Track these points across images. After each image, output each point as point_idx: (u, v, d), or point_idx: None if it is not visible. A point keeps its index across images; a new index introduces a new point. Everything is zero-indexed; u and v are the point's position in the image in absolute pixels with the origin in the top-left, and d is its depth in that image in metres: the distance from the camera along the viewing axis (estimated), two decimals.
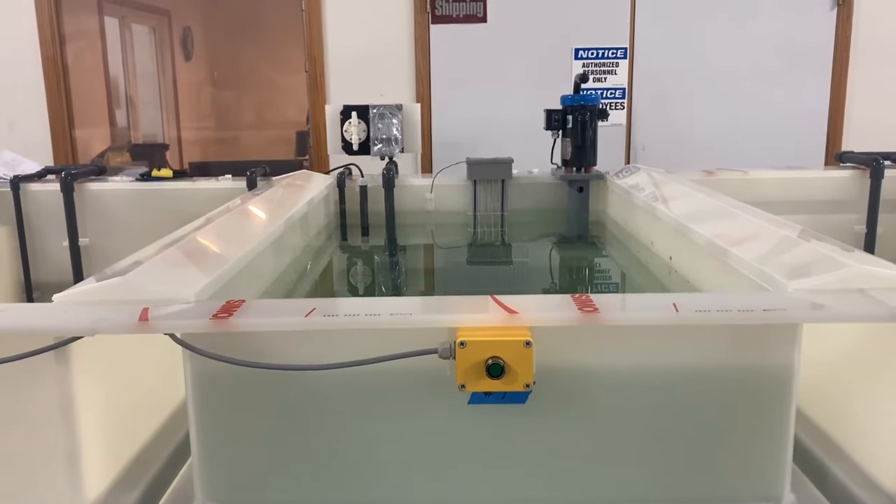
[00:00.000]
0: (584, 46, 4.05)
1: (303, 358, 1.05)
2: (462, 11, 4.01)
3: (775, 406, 1.08)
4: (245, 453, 1.11)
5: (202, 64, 7.08)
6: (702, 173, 2.69)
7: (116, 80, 5.89)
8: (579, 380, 1.07)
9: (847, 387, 1.29)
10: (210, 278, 1.25)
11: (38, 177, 2.79)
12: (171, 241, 1.46)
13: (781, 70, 4.07)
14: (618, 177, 2.62)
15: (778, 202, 2.46)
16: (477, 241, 2.74)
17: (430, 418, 1.08)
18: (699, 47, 4.07)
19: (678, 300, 1.06)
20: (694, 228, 1.70)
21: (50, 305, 1.09)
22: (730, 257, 1.44)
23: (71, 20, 4.39)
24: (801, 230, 1.48)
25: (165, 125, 6.65)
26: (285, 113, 6.90)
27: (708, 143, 4.10)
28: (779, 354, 1.07)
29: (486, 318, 1.02)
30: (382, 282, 2.26)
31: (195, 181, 2.76)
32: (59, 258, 2.72)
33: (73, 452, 1.08)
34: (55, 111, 4.15)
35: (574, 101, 2.75)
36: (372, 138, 2.78)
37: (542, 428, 1.08)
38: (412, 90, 4.09)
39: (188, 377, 1.08)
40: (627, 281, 2.17)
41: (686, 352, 1.07)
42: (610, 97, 4.10)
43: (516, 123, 3.93)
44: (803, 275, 1.18)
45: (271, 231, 1.80)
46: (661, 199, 2.09)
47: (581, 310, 1.02)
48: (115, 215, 2.73)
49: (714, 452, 1.10)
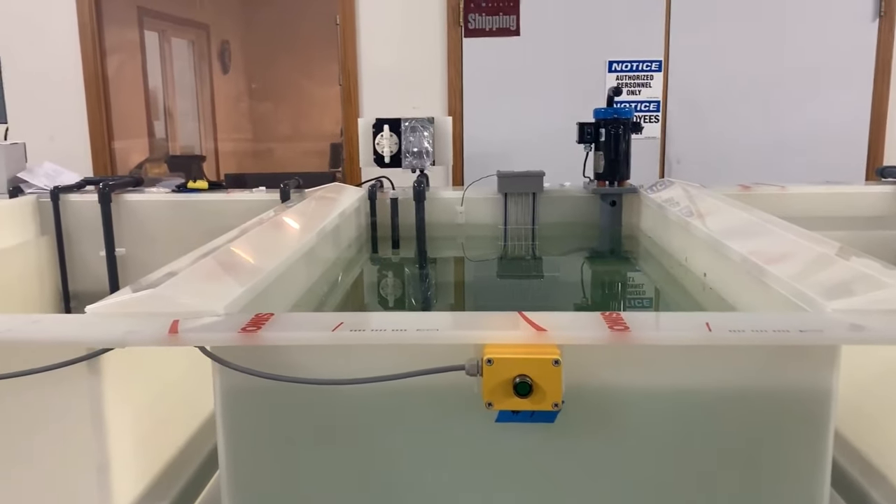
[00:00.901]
0: (617, 59, 4.02)
1: (331, 372, 1.04)
2: (495, 25, 4.02)
3: (813, 430, 1.05)
4: (273, 467, 1.11)
5: (239, 77, 7.20)
6: (738, 188, 2.65)
7: (155, 92, 6.01)
8: (610, 400, 1.05)
9: (888, 409, 1.26)
10: (241, 290, 1.26)
11: (78, 187, 2.85)
12: (204, 252, 1.47)
13: (820, 82, 4.00)
14: (651, 191, 2.59)
15: (816, 218, 2.41)
16: (507, 254, 2.72)
17: (457, 436, 1.07)
18: (735, 59, 4.02)
19: (711, 319, 1.03)
20: (729, 245, 1.67)
21: (82, 317, 1.10)
22: (766, 275, 1.41)
23: (112, 34, 4.49)
24: (840, 247, 1.44)
25: (202, 137, 6.76)
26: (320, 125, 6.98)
27: (744, 158, 4.03)
28: (816, 377, 1.04)
29: (515, 335, 1.00)
30: (412, 295, 2.26)
31: (230, 193, 2.79)
32: (95, 268, 2.77)
33: (103, 463, 1.09)
34: (95, 123, 4.24)
35: (607, 114, 2.73)
36: (403, 151, 2.79)
37: (571, 448, 1.06)
38: (444, 103, 4.10)
39: (217, 390, 1.09)
40: (660, 297, 2.13)
41: (719, 373, 1.05)
42: (644, 110, 4.07)
43: (548, 136, 3.92)
44: (842, 294, 1.15)
45: (303, 243, 1.81)
46: (695, 213, 2.06)
47: (612, 328, 1.00)
48: (151, 226, 2.78)
49: (748, 477, 1.07)
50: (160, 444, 1.26)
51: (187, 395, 1.33)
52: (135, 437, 1.15)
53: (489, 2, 4.00)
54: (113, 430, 1.09)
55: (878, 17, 3.92)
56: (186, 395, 1.33)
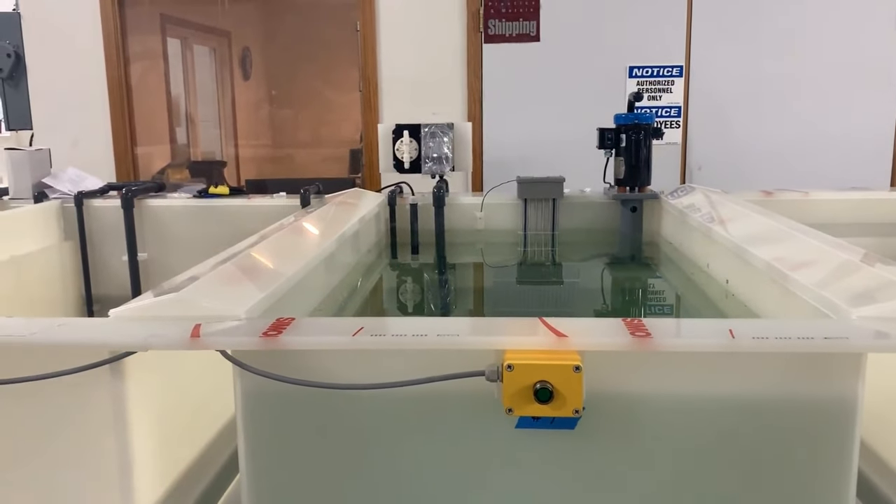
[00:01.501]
0: (638, 65, 4.01)
1: (351, 377, 1.05)
2: (515, 31, 4.02)
3: (838, 439, 1.03)
4: (293, 471, 1.11)
5: (260, 83, 7.25)
6: (760, 194, 2.62)
7: (177, 98, 6.07)
8: (631, 407, 1.04)
9: None
10: (262, 295, 1.27)
11: (101, 193, 2.89)
12: (225, 257, 1.48)
13: (843, 88, 3.96)
14: (672, 196, 2.58)
15: (841, 224, 2.37)
16: (527, 260, 2.71)
17: (477, 441, 1.07)
18: (757, 65, 3.98)
19: (734, 326, 1.02)
20: (752, 251, 1.65)
21: (106, 320, 1.11)
22: (789, 282, 1.39)
23: (135, 41, 4.55)
24: (864, 254, 1.42)
25: (223, 143, 6.82)
26: (340, 131, 7.01)
27: (767, 163, 3.99)
28: (841, 385, 1.02)
29: (535, 340, 1.00)
30: (431, 300, 2.26)
31: (251, 198, 2.81)
32: (118, 272, 2.80)
33: (125, 464, 1.10)
34: (118, 129, 4.29)
35: (628, 119, 2.72)
36: (423, 157, 2.79)
37: (591, 455, 1.06)
38: (464, 109, 4.10)
39: (238, 393, 1.09)
40: (682, 304, 2.12)
41: (742, 381, 1.03)
42: (665, 115, 4.04)
43: (568, 142, 3.90)
44: (868, 301, 1.13)
45: (323, 248, 1.82)
46: (717, 219, 2.04)
47: (633, 335, 1.00)
48: (173, 231, 2.80)
49: (772, 486, 1.05)
50: (181, 446, 1.26)
51: (208, 399, 1.34)
52: (156, 439, 1.16)
53: (509, 8, 4.00)
54: (135, 432, 1.10)
55: None
56: (207, 398, 1.34)
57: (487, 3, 4.01)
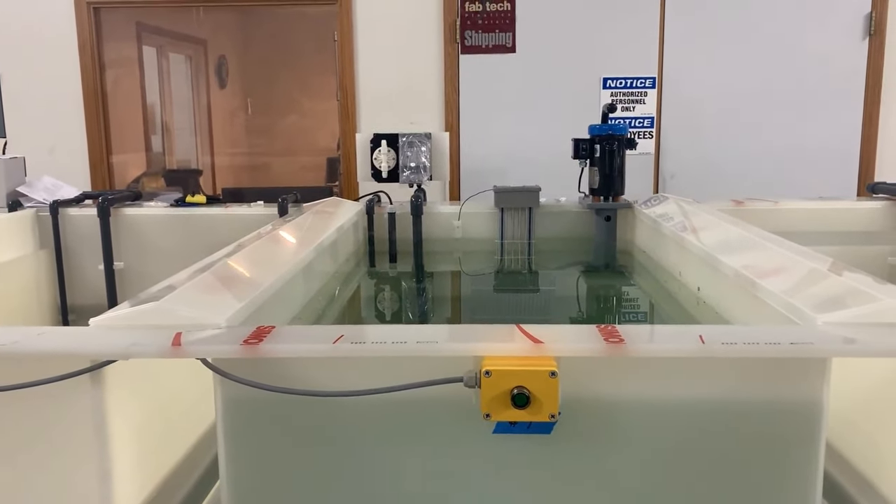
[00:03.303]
0: (612, 76, 4.07)
1: (331, 384, 1.06)
2: (491, 42, 4.06)
3: (804, 441, 1.07)
4: (273, 478, 1.12)
5: (236, 91, 7.23)
6: (731, 203, 2.67)
7: (153, 107, 6.04)
8: (605, 411, 1.07)
9: (879, 421, 1.27)
10: (241, 304, 1.28)
11: (77, 202, 2.87)
12: (203, 266, 1.49)
13: (813, 99, 4.05)
14: (646, 206, 2.62)
15: (809, 233, 2.44)
16: (504, 268, 2.74)
17: (455, 447, 1.09)
18: (729, 76, 4.06)
19: (705, 332, 1.06)
20: (722, 259, 1.69)
21: (87, 329, 1.12)
22: (758, 289, 1.43)
23: (111, 49, 4.52)
24: (831, 262, 1.46)
25: (199, 151, 6.79)
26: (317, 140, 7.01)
27: (738, 173, 4.07)
28: (807, 389, 1.06)
29: (512, 347, 1.02)
30: (409, 308, 2.27)
31: (228, 207, 2.81)
32: (94, 281, 2.78)
33: (105, 473, 1.10)
34: (94, 137, 4.26)
35: (602, 130, 2.76)
36: (401, 166, 2.81)
37: (567, 458, 1.08)
38: (441, 119, 4.13)
39: (218, 401, 1.10)
40: (655, 311, 2.16)
41: (713, 384, 1.07)
42: (639, 126, 4.11)
43: (544, 152, 3.95)
44: (833, 308, 1.17)
45: (301, 257, 1.83)
46: (689, 228, 2.09)
47: (607, 341, 1.02)
48: (150, 240, 2.79)
49: (741, 487, 1.09)
50: (162, 454, 1.27)
51: (188, 407, 1.34)
52: (136, 447, 1.17)
53: (485, 19, 4.04)
54: (115, 441, 1.11)
55: (869, 35, 3.97)
56: (187, 406, 1.34)
57: (464, 14, 4.05)
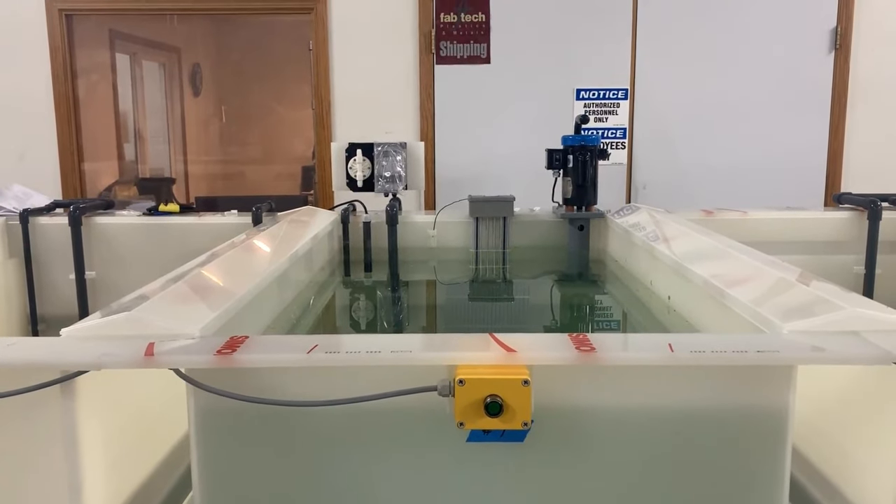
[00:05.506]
0: (585, 87, 4.11)
1: (305, 394, 1.06)
2: (466, 53, 4.09)
3: (771, 447, 1.09)
4: (246, 488, 1.12)
5: (210, 99, 7.19)
6: (701, 213, 2.72)
7: (126, 114, 5.98)
8: (577, 418, 1.08)
9: (844, 427, 1.30)
10: (215, 314, 1.28)
11: (47, 210, 2.83)
12: (176, 276, 1.48)
13: (781, 111, 4.13)
14: (618, 216, 2.65)
15: (777, 242, 2.49)
16: (478, 277, 2.76)
17: (430, 455, 1.09)
18: (699, 88, 4.13)
19: (674, 340, 1.08)
20: (692, 269, 1.72)
21: (57, 340, 1.11)
22: (726, 298, 1.46)
23: (83, 55, 4.48)
24: (799, 272, 1.49)
25: (173, 159, 6.73)
26: (291, 148, 6.99)
27: (708, 183, 4.13)
28: (774, 396, 1.08)
29: (486, 356, 1.03)
30: (384, 317, 2.28)
31: (201, 216, 2.79)
32: (64, 291, 2.74)
33: (76, 485, 1.09)
34: (65, 145, 4.21)
35: (575, 141, 2.79)
36: (376, 175, 2.82)
37: (539, 466, 1.09)
38: (416, 128, 4.15)
39: (191, 411, 1.10)
40: (627, 319, 2.18)
41: (682, 392, 1.09)
42: (611, 136, 4.16)
43: (518, 162, 3.98)
44: (798, 317, 1.20)
45: (276, 267, 1.83)
46: (661, 238, 2.12)
47: (578, 349, 1.04)
48: (122, 249, 2.76)
49: (710, 492, 1.11)
50: (133, 465, 1.26)
51: (160, 417, 1.33)
52: (108, 458, 1.16)
53: (460, 30, 4.07)
54: (86, 452, 1.10)
55: (835, 49, 4.07)
56: (159, 417, 1.34)
57: (439, 25, 4.08)
